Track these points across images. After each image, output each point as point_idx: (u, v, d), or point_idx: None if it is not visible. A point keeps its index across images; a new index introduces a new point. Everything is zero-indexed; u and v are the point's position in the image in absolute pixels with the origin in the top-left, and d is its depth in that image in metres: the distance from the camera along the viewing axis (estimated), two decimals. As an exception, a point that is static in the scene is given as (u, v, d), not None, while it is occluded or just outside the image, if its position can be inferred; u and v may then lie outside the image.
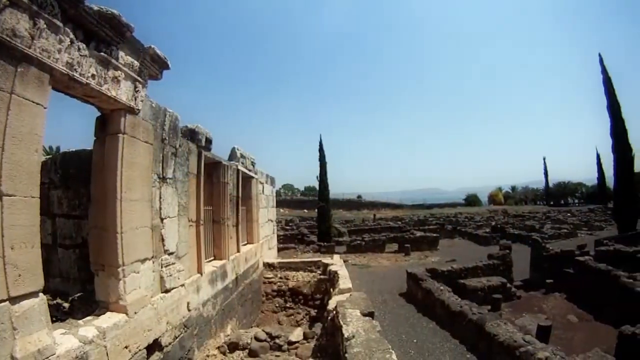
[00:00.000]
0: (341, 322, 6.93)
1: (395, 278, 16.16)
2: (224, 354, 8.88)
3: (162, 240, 6.84)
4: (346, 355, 5.66)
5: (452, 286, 13.41)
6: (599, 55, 27.66)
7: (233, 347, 9.02)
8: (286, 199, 69.75)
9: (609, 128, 27.08)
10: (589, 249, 19.04)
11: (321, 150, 28.90)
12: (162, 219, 6.85)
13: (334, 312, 8.21)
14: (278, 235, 25.45)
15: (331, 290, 12.31)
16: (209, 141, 9.38)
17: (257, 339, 9.17)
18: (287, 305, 14.95)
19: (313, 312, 14.15)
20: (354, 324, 6.74)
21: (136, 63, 5.83)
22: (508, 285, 15.08)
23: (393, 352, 5.57)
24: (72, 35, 4.48)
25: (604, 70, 27.39)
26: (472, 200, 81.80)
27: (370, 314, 7.41)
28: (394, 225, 37.73)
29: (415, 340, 9.76)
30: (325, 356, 7.86)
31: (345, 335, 6.31)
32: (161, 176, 6.89)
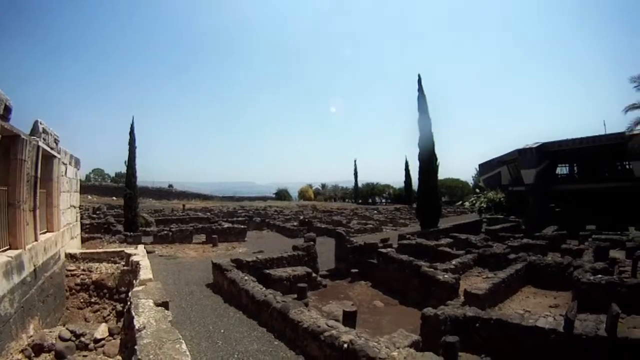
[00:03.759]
0: (133, 313, 6.64)
1: (202, 269, 16.05)
2: (29, 358, 7.86)
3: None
4: (135, 347, 5.38)
5: (258, 276, 13.68)
6: (418, 75, 30.51)
7: (38, 349, 8.03)
8: (95, 185, 64.72)
9: (418, 139, 30.07)
10: (392, 242, 20.72)
11: (132, 133, 26.82)
12: None
13: (129, 303, 7.89)
14: (84, 224, 23.67)
15: (134, 281, 11.82)
16: (8, 109, 8.05)
17: (61, 338, 8.32)
18: (92, 300, 13.78)
19: (119, 307, 13.22)
20: (145, 315, 6.42)
21: None
22: (313, 274, 15.81)
23: (183, 342, 5.41)
24: None
25: (420, 89, 30.27)
26: (282, 194, 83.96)
27: (164, 304, 7.17)
28: (202, 216, 37.36)
29: (222, 331, 9.74)
30: (126, 351, 7.49)
31: (137, 327, 6.03)
32: None
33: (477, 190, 53.57)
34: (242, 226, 28.81)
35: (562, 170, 45.69)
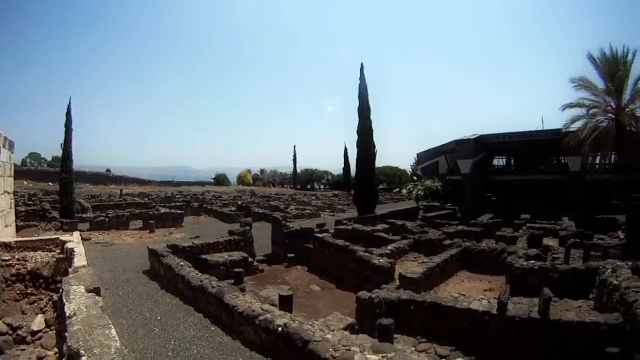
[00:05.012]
0: (64, 301, 6.62)
1: (139, 256, 15.88)
2: (-34, 355, 7.63)
3: None
4: (66, 335, 5.40)
5: (194, 262, 13.73)
6: (361, 64, 30.90)
7: (-22, 346, 7.72)
8: (31, 170, 61.91)
9: (357, 126, 30.59)
10: (329, 227, 20.99)
11: (69, 114, 25.63)
12: None
13: (61, 290, 7.82)
14: (19, 212, 22.77)
15: (70, 270, 11.64)
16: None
17: (-1, 332, 8.08)
18: (29, 291, 13.28)
19: (56, 297, 12.94)
20: (77, 302, 6.41)
21: None
22: (250, 260, 15.94)
23: (113, 327, 5.46)
24: None
25: (362, 77, 30.69)
26: (221, 179, 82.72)
27: (96, 290, 7.17)
28: (140, 202, 36.54)
29: (159, 318, 9.74)
30: (61, 340, 7.43)
31: (67, 314, 6.02)
32: None
33: (415, 179, 54.61)
34: (180, 211, 28.55)
35: (499, 162, 47.36)
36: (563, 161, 38.93)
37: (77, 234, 16.37)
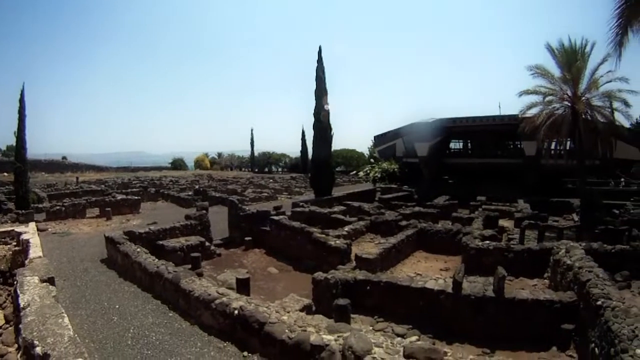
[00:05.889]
0: (18, 292, 6.69)
1: (96, 244, 15.78)
2: None
3: None
4: (20, 326, 5.50)
5: (151, 248, 13.83)
6: (319, 47, 30.85)
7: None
8: (-16, 160, 60.17)
9: (313, 109, 30.66)
10: (286, 210, 21.21)
11: (22, 101, 24.86)
12: None
13: (15, 282, 7.85)
14: (-30, 205, 21.91)
15: (25, 262, 11.55)
16: None
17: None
18: None
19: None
20: (30, 292, 6.52)
21: None
22: (207, 243, 16.10)
23: (66, 316, 5.57)
24: None
25: (320, 60, 30.62)
26: (178, 164, 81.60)
27: (50, 280, 7.25)
28: (96, 189, 35.51)
29: (117, 306, 9.80)
30: (17, 332, 7.43)
31: (21, 305, 6.13)
32: None
33: (372, 161, 54.99)
34: (137, 197, 28.29)
35: (456, 145, 47.90)
36: (519, 146, 39.55)
37: (32, 225, 16.16)
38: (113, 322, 8.88)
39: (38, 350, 5.02)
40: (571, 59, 22.37)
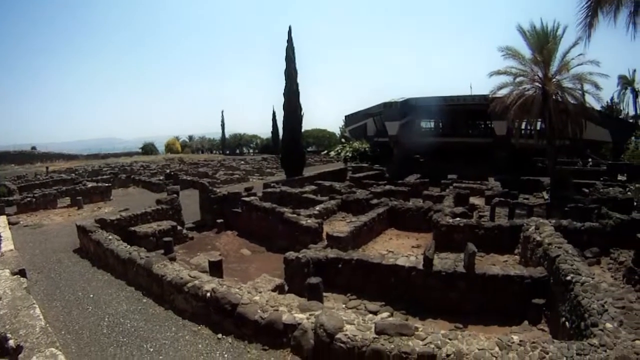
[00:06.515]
0: (-11, 286, 6.69)
1: (69, 234, 15.58)
2: None
3: None
4: None
5: (123, 235, 13.70)
6: (289, 27, 30.96)
7: None
8: (-44, 154, 58.60)
9: (283, 89, 30.82)
10: (257, 191, 21.23)
11: None
12: None
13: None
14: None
15: (-2, 256, 11.45)
16: None
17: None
18: None
19: None
20: (1, 285, 6.49)
21: None
22: (179, 228, 16.09)
23: (37, 306, 5.61)
24: None
25: (290, 40, 30.73)
26: (149, 149, 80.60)
27: (21, 272, 7.25)
28: (67, 178, 34.82)
29: (92, 295, 9.77)
30: None
31: None
32: None
33: (343, 141, 55.54)
34: (107, 184, 27.91)
35: (427, 124, 48.31)
36: (490, 125, 40.08)
37: (2, 219, 15.94)
38: (88, 311, 8.85)
39: (11, 343, 5.04)
40: (542, 41, 22.63)
